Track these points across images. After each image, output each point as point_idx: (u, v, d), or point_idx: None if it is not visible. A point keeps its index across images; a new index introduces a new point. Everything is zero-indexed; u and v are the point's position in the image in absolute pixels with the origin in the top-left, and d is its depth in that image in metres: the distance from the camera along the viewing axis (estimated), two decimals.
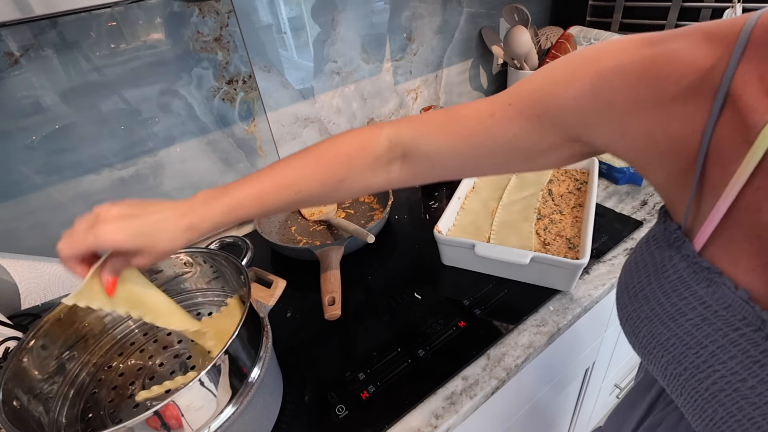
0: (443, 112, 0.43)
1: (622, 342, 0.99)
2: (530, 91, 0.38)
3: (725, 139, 0.28)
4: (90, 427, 0.47)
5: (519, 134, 0.39)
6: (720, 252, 0.29)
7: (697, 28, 0.30)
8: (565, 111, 0.36)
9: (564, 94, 0.35)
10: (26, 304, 0.62)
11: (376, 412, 0.52)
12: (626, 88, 0.32)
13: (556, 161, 0.41)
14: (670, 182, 0.32)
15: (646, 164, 0.34)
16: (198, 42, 0.73)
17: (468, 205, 0.79)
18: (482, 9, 1.08)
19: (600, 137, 0.36)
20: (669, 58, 0.30)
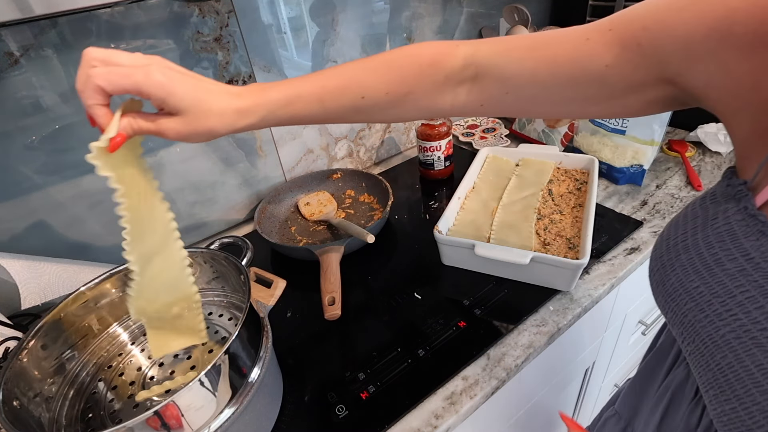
0: (530, 36, 0.40)
1: (622, 342, 0.99)
2: (638, 16, 0.35)
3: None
4: (90, 427, 0.47)
5: (612, 65, 0.36)
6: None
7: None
8: (673, 40, 0.33)
9: (678, 19, 0.33)
10: (26, 304, 0.62)
11: (376, 412, 0.52)
12: (750, 19, 0.29)
13: (637, 106, 0.38)
14: (754, 136, 0.31)
15: (735, 112, 0.33)
16: (198, 42, 0.73)
17: (468, 205, 0.79)
18: (482, 9, 1.08)
19: (699, 76, 0.33)
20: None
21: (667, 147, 0.95)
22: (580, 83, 0.38)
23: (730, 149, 0.90)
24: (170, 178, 0.79)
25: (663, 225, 0.75)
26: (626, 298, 0.85)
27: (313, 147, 0.96)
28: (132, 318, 0.43)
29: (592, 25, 0.38)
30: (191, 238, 0.87)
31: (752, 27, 0.29)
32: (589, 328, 0.78)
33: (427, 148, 0.91)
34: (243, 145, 0.85)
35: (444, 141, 0.90)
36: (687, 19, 0.32)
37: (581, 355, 0.83)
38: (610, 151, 0.85)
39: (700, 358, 0.32)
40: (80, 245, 0.74)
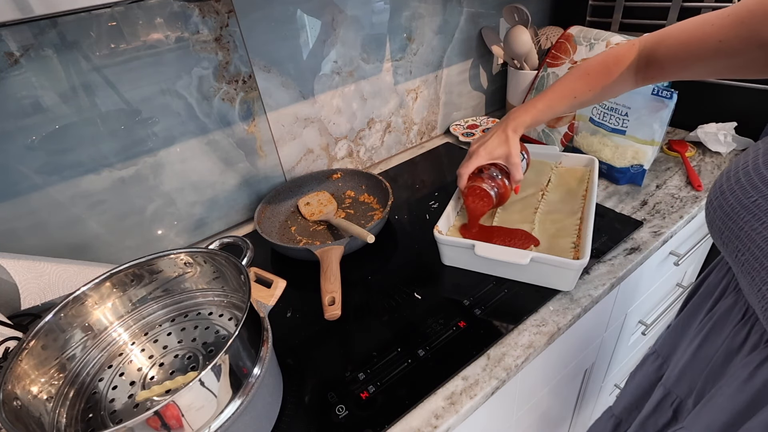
0: (680, 26, 0.54)
1: (622, 342, 0.99)
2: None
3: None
4: (90, 427, 0.47)
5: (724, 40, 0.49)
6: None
7: None
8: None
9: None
10: (26, 304, 0.62)
11: (376, 412, 0.52)
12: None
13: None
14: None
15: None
16: (198, 42, 0.73)
17: None
18: (482, 9, 1.08)
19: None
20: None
21: (667, 147, 0.95)
22: (709, 58, 0.51)
23: (730, 149, 0.90)
24: (170, 178, 0.79)
25: (663, 225, 0.75)
26: (626, 298, 0.85)
27: (313, 147, 0.96)
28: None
29: (715, 13, 0.51)
30: (191, 238, 0.87)
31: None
32: (589, 328, 0.78)
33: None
34: (243, 145, 0.85)
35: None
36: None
37: (581, 355, 0.83)
38: (610, 151, 0.85)
39: (754, 263, 0.38)
40: (80, 245, 0.74)
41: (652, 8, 0.99)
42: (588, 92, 0.64)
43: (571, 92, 0.65)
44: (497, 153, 0.69)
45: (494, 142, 0.69)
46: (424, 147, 1.14)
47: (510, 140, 0.68)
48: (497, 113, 1.27)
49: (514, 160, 0.68)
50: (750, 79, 0.88)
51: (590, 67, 0.64)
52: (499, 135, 0.69)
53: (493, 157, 0.69)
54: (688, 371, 0.55)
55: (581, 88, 0.64)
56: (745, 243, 0.39)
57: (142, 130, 0.73)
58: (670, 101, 0.77)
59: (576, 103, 0.65)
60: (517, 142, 0.69)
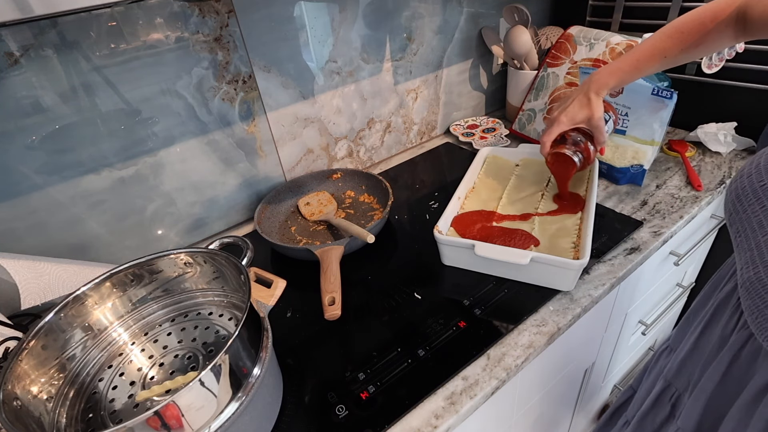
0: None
1: (622, 342, 0.99)
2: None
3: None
4: (90, 427, 0.47)
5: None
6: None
7: None
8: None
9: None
10: (26, 304, 0.62)
11: (376, 412, 0.52)
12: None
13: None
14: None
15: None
16: (198, 42, 0.73)
17: (468, 205, 0.79)
18: (482, 9, 1.08)
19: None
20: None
21: (667, 147, 0.95)
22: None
23: (730, 149, 0.90)
24: (170, 178, 0.79)
25: (663, 225, 0.75)
26: (626, 298, 0.85)
27: (313, 147, 0.96)
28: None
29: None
30: (191, 238, 0.87)
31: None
32: (589, 328, 0.78)
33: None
34: (243, 145, 0.85)
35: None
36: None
37: (581, 355, 0.83)
38: (610, 151, 0.85)
39: (745, 242, 0.40)
40: (80, 245, 0.74)
41: (652, 8, 0.99)
42: (680, 51, 0.62)
43: (661, 51, 0.62)
44: (579, 117, 0.68)
45: (575, 106, 0.68)
46: (424, 147, 1.14)
47: (593, 102, 0.67)
48: (497, 113, 1.27)
49: (597, 123, 0.68)
50: (750, 79, 0.88)
51: (683, 24, 0.61)
52: (580, 99, 0.68)
53: (575, 122, 0.69)
54: (687, 362, 0.56)
55: (673, 47, 0.62)
56: (743, 224, 0.41)
57: (142, 130, 0.73)
58: (670, 101, 0.77)
59: (666, 62, 0.63)
60: (601, 104, 0.68)
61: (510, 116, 1.17)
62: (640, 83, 0.78)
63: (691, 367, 0.55)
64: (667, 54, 0.62)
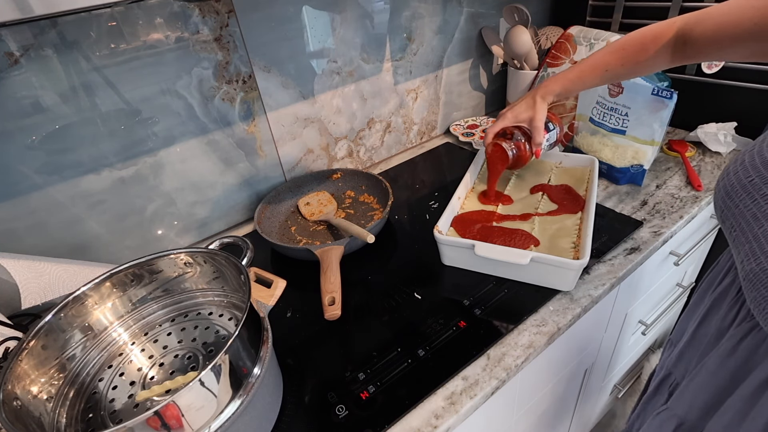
0: (718, 8, 0.55)
1: (622, 342, 0.99)
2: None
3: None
4: (90, 427, 0.47)
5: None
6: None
7: None
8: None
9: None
10: (26, 304, 0.62)
11: (376, 412, 0.52)
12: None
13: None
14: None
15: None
16: (198, 42, 0.73)
17: (468, 205, 0.79)
18: (482, 9, 1.08)
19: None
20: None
21: (667, 147, 0.95)
22: (744, 40, 0.52)
23: (730, 149, 0.90)
24: (170, 178, 0.79)
25: (663, 225, 0.75)
26: (626, 298, 0.85)
27: (313, 147, 0.96)
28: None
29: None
30: (191, 238, 0.87)
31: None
32: (589, 328, 0.78)
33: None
34: (243, 145, 0.85)
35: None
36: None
37: (581, 355, 0.83)
38: (611, 151, 0.85)
39: (741, 236, 0.41)
40: (80, 245, 0.74)
41: (652, 8, 0.99)
42: (620, 67, 0.64)
43: (603, 65, 0.66)
44: (522, 116, 0.73)
45: (522, 106, 0.74)
46: (424, 147, 1.14)
47: (537, 105, 0.72)
48: (497, 113, 1.26)
49: (537, 123, 0.72)
50: (750, 79, 0.88)
51: (626, 42, 0.64)
52: (527, 100, 0.73)
53: (518, 120, 0.74)
54: (686, 351, 0.57)
55: (614, 62, 0.64)
56: (737, 219, 0.42)
57: (142, 130, 0.73)
58: (670, 101, 0.77)
59: (607, 76, 0.66)
60: (543, 108, 0.72)
61: None
62: (641, 83, 0.78)
63: (689, 356, 0.56)
64: (609, 68, 0.66)
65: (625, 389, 1.17)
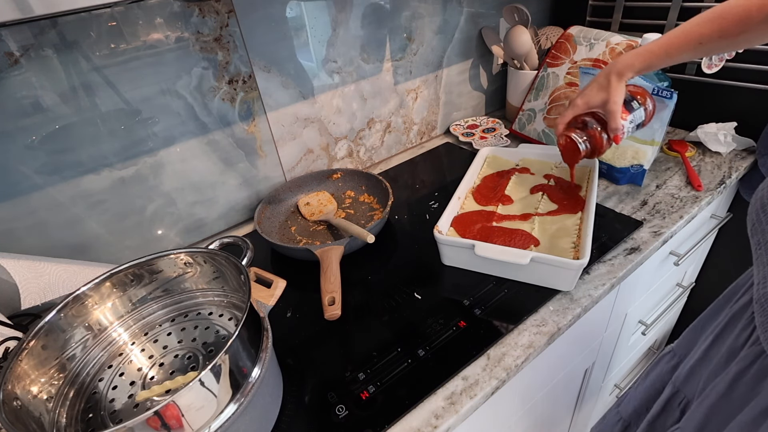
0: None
1: (622, 342, 0.99)
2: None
3: None
4: (90, 427, 0.47)
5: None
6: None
7: None
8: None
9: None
10: (26, 304, 0.62)
11: (376, 412, 0.52)
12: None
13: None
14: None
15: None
16: (198, 42, 0.73)
17: (468, 205, 0.79)
18: (482, 9, 1.08)
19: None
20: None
21: (667, 147, 0.95)
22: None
23: (730, 149, 0.90)
24: (170, 178, 0.79)
25: (663, 225, 0.75)
26: (626, 298, 0.85)
27: (313, 147, 0.96)
28: None
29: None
30: (191, 238, 0.87)
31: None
32: (589, 328, 0.78)
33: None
34: (243, 145, 0.85)
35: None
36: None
37: (581, 355, 0.83)
38: (610, 151, 0.85)
39: (765, 256, 0.40)
40: (80, 245, 0.74)
41: (652, 8, 0.99)
42: (718, 39, 0.55)
43: (697, 37, 0.56)
44: (595, 100, 0.63)
45: (593, 88, 0.63)
46: (424, 147, 1.14)
47: (612, 85, 0.61)
48: (497, 113, 1.27)
49: (612, 107, 0.62)
50: (750, 79, 0.88)
51: (725, 10, 0.55)
52: (599, 80, 0.63)
53: (591, 106, 0.64)
54: (697, 369, 0.55)
55: (710, 33, 0.55)
56: (765, 236, 0.39)
57: (142, 130, 0.73)
58: (670, 101, 0.77)
59: (701, 49, 0.57)
60: (621, 88, 0.62)
61: (510, 116, 1.17)
62: (641, 83, 0.78)
63: (699, 375, 0.54)
64: (703, 40, 0.56)
65: (625, 390, 1.16)
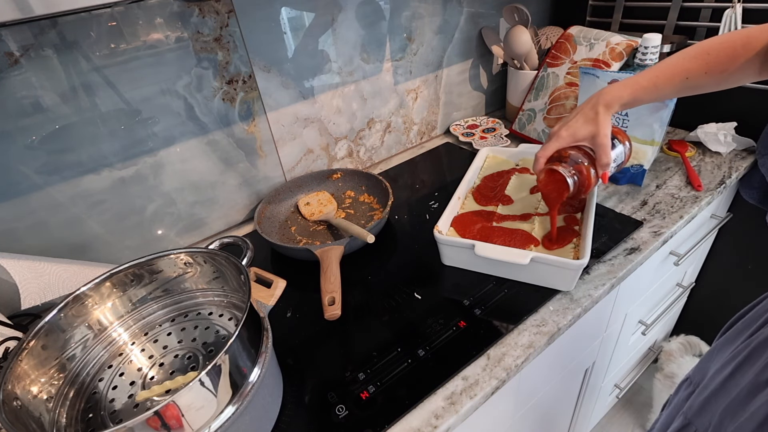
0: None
1: (622, 342, 0.99)
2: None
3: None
4: (90, 427, 0.47)
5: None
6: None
7: None
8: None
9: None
10: (26, 304, 0.62)
11: (376, 412, 0.52)
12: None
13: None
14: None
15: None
16: (198, 42, 0.73)
17: (468, 205, 0.79)
18: (482, 9, 1.08)
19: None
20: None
21: (667, 147, 0.95)
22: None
23: (730, 149, 0.90)
24: (170, 178, 0.79)
25: (663, 225, 0.75)
26: (626, 298, 0.85)
27: (313, 147, 0.96)
28: None
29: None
30: (191, 238, 0.87)
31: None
32: (589, 328, 0.78)
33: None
34: (243, 145, 0.85)
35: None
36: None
37: (581, 355, 0.83)
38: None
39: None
40: (80, 245, 0.74)
41: (652, 8, 0.99)
42: (703, 75, 0.55)
43: (683, 72, 0.55)
44: (582, 133, 0.59)
45: (579, 120, 0.59)
46: (424, 147, 1.14)
47: (600, 117, 0.58)
48: (497, 113, 1.27)
49: (602, 140, 0.58)
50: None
51: (711, 47, 0.54)
52: (586, 112, 0.59)
53: (577, 139, 0.59)
54: (712, 401, 0.51)
55: (696, 69, 0.55)
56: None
57: (142, 130, 0.73)
58: (670, 101, 0.77)
59: (687, 85, 0.56)
60: (608, 121, 0.58)
61: (510, 116, 1.17)
62: None
63: (714, 409, 0.51)
64: (690, 75, 0.55)
65: (625, 390, 1.17)
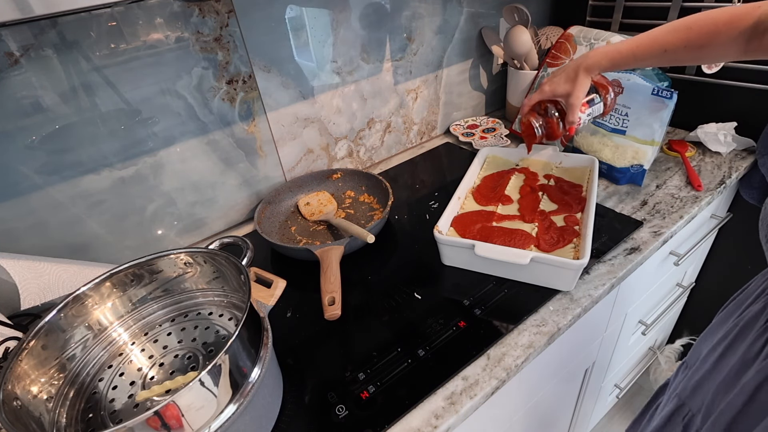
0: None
1: (622, 342, 0.99)
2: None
3: None
4: (90, 427, 0.47)
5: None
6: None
7: None
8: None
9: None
10: (26, 304, 0.62)
11: (376, 412, 0.52)
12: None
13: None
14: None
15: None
16: (198, 42, 0.73)
17: (468, 205, 0.79)
18: (482, 9, 1.08)
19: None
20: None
21: (667, 147, 0.95)
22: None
23: (730, 149, 0.90)
24: (170, 178, 0.79)
25: (663, 225, 0.75)
26: (626, 298, 0.85)
27: (313, 147, 0.96)
28: None
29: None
30: (191, 238, 0.87)
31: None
32: (589, 328, 0.78)
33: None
34: (243, 145, 0.85)
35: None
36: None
37: (581, 355, 0.83)
38: (611, 151, 0.85)
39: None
40: (80, 245, 0.74)
41: (652, 8, 0.98)
42: (682, 49, 0.56)
43: (662, 44, 0.58)
44: (559, 90, 0.68)
45: (561, 78, 0.68)
46: (424, 147, 1.14)
47: (578, 80, 0.65)
48: (497, 113, 1.27)
49: (573, 101, 0.66)
50: (750, 79, 0.88)
51: (693, 22, 0.55)
52: (568, 72, 0.67)
53: (555, 95, 0.69)
54: (704, 383, 0.53)
55: (676, 42, 0.57)
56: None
57: (142, 130, 0.73)
58: (670, 101, 0.77)
59: (665, 58, 0.59)
60: (585, 84, 0.66)
61: (510, 116, 1.17)
62: (640, 83, 0.78)
63: (707, 388, 0.52)
64: (668, 48, 0.58)
65: (625, 390, 1.17)
